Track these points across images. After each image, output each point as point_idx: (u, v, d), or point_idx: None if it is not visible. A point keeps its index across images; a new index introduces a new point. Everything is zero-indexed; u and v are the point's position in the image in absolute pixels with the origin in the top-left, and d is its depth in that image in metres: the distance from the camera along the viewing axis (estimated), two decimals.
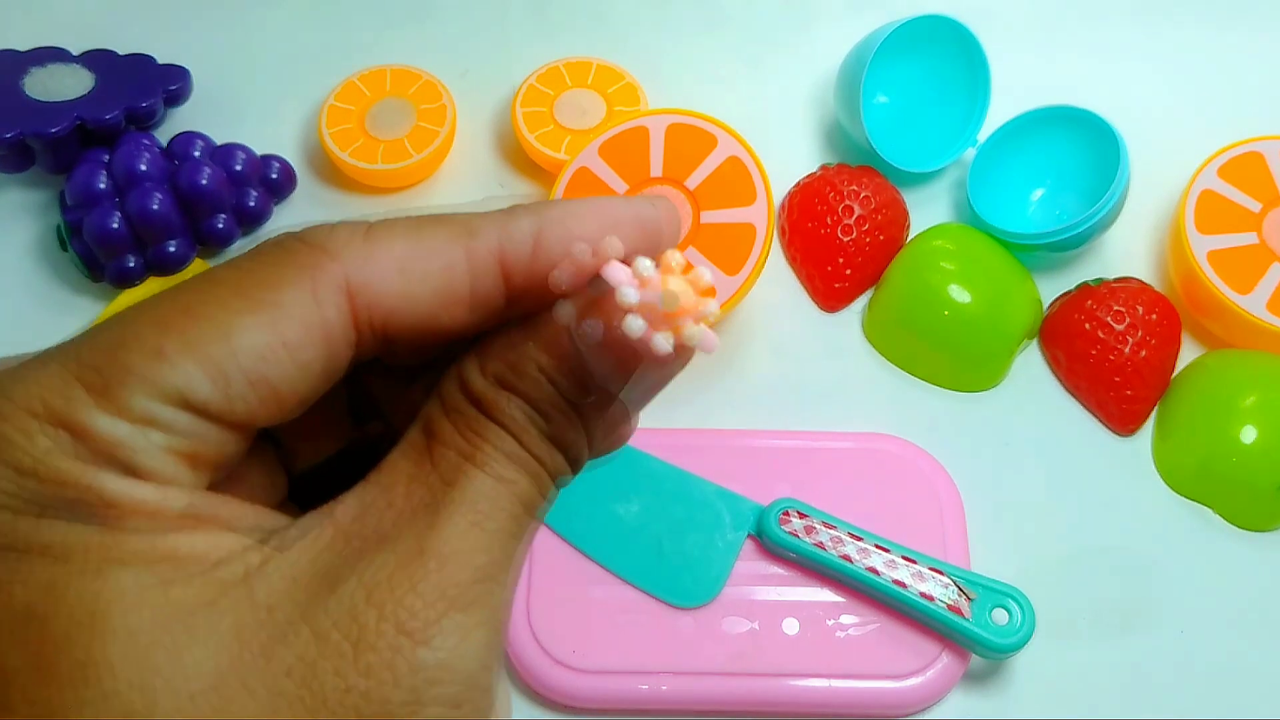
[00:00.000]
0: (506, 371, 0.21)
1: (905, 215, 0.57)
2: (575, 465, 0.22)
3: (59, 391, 0.18)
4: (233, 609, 0.18)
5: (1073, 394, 0.54)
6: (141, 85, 0.58)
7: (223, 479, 0.20)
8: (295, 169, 0.59)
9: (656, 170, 0.53)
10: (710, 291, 0.20)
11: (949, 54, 0.59)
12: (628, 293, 0.19)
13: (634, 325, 0.19)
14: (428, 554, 0.19)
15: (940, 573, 0.45)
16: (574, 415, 0.21)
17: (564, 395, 0.21)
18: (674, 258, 0.20)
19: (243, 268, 0.20)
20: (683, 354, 0.21)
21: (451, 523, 0.19)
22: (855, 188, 0.56)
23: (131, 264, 0.54)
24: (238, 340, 0.19)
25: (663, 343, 0.19)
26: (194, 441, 0.19)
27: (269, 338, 0.19)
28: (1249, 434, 0.49)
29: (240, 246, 0.58)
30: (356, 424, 0.26)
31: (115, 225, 0.53)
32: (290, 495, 0.25)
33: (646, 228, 0.22)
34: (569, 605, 0.46)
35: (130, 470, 0.18)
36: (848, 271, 0.56)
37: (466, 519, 0.20)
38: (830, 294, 0.56)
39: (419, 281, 0.20)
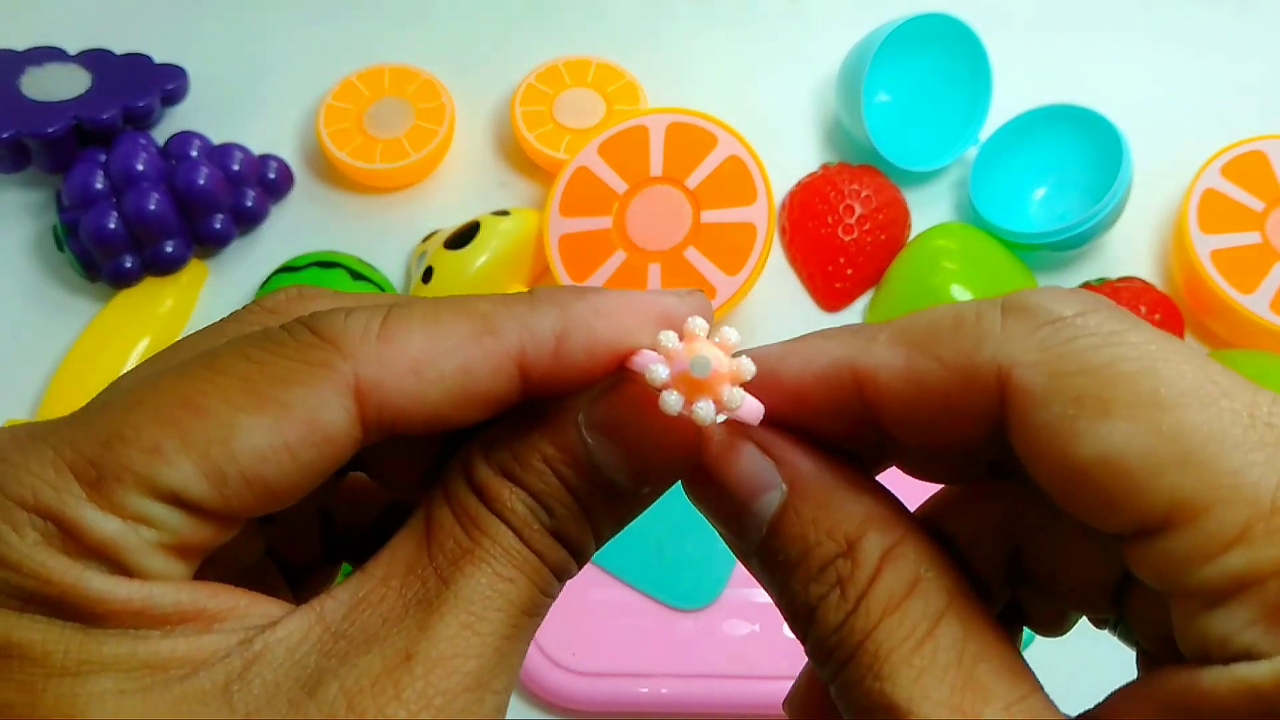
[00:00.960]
0: (510, 461, 0.20)
1: (906, 214, 0.57)
2: (580, 559, 0.21)
3: (51, 483, 0.17)
4: (211, 718, 0.17)
5: None
6: (138, 85, 0.58)
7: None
8: (293, 168, 0.59)
9: (656, 169, 0.53)
10: (739, 351, 0.20)
11: (951, 52, 0.58)
12: (657, 370, 0.19)
13: (670, 401, 0.19)
14: (415, 659, 0.18)
15: None
16: (579, 509, 0.20)
17: (569, 488, 0.20)
18: (696, 324, 0.20)
19: (252, 359, 0.19)
20: (714, 428, 0.20)
21: (444, 624, 0.18)
22: (856, 187, 0.55)
23: (128, 264, 0.54)
24: (239, 440, 0.18)
25: (704, 412, 0.19)
26: (185, 536, 0.18)
27: (271, 439, 0.18)
28: None
29: (238, 246, 0.58)
30: (339, 475, 0.25)
31: (112, 225, 0.53)
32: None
33: (675, 325, 0.21)
34: (568, 607, 0.46)
35: (119, 567, 0.18)
36: (849, 271, 0.55)
37: (459, 620, 0.19)
38: (831, 294, 0.56)
39: (434, 384, 0.19)
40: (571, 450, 0.20)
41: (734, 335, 0.20)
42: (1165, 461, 0.16)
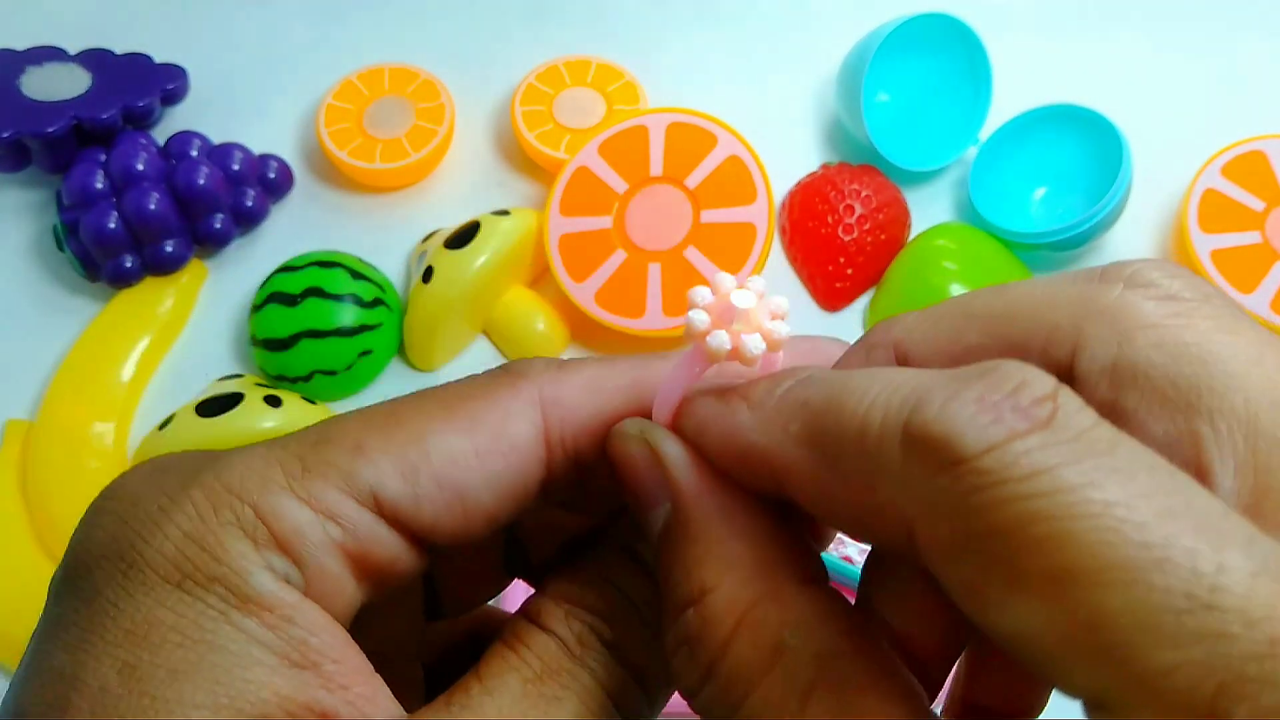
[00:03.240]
0: (565, 582, 0.21)
1: (907, 214, 0.57)
2: (647, 685, 0.21)
3: (259, 472, 0.19)
4: None
5: None
6: (138, 84, 0.58)
7: (379, 601, 0.20)
8: (293, 168, 0.59)
9: (656, 169, 0.53)
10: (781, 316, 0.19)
11: (951, 52, 0.58)
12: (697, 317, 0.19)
13: (717, 341, 0.18)
14: None
15: None
16: (640, 622, 0.20)
17: (628, 599, 0.21)
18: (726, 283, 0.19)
19: (449, 387, 0.21)
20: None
21: None
22: (856, 186, 0.55)
23: (128, 264, 0.54)
24: (431, 442, 0.20)
25: (752, 343, 0.18)
26: (369, 543, 0.19)
27: (462, 443, 0.20)
28: None
29: (238, 246, 0.58)
30: (509, 575, 0.26)
31: (112, 225, 0.53)
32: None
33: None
34: None
35: (296, 561, 0.18)
36: (849, 271, 0.55)
37: None
38: (831, 294, 0.56)
39: (607, 395, 0.21)
40: (625, 560, 0.21)
41: (783, 304, 0.19)
42: (1083, 652, 0.14)
